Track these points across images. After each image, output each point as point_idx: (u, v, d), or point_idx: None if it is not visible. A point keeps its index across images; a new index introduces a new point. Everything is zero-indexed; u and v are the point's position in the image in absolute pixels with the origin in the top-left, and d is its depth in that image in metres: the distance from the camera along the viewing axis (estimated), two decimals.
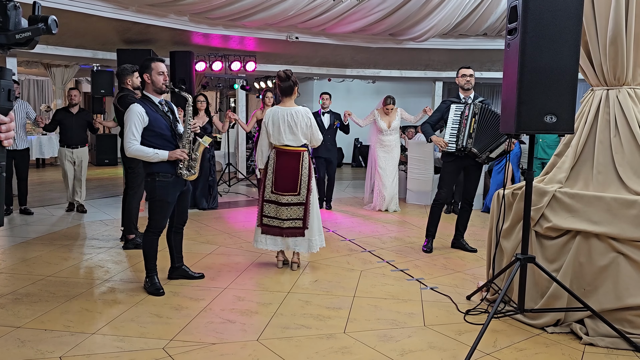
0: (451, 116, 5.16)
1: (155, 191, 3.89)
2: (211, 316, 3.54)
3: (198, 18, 7.62)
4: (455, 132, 5.11)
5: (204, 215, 7.07)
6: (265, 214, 4.52)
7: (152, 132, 3.83)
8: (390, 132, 7.51)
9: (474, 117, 5.03)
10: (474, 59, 10.71)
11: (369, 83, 14.48)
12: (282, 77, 4.47)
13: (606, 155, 3.39)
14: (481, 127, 5.05)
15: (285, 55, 10.33)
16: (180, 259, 4.31)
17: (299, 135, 4.44)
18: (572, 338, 3.23)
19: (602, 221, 3.14)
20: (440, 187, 5.28)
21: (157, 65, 3.92)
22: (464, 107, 5.12)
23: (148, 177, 3.91)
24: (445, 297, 3.94)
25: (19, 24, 1.37)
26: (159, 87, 3.94)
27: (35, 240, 5.55)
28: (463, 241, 5.40)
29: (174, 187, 3.95)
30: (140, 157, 3.82)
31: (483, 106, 5.09)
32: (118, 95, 5.15)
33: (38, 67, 12.60)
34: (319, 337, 3.23)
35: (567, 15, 2.96)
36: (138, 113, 3.78)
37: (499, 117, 4.98)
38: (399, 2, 7.83)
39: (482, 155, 5.08)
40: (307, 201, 4.46)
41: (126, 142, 3.78)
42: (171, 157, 3.85)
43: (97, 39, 8.51)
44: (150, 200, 3.96)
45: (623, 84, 3.42)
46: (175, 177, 3.93)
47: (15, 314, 3.50)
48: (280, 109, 4.48)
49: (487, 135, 5.05)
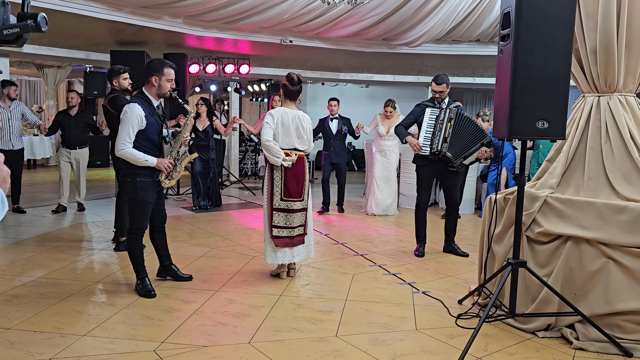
0: (426, 120, 5.17)
1: (137, 191, 3.86)
2: (203, 319, 3.53)
3: (192, 20, 7.61)
4: (430, 135, 5.12)
5: (197, 217, 7.06)
6: (275, 224, 4.30)
7: (144, 135, 3.82)
8: (388, 137, 7.52)
9: (449, 122, 5.05)
10: (467, 65, 10.78)
11: (363, 87, 14.54)
12: (294, 80, 4.33)
13: (597, 161, 3.42)
14: (456, 132, 5.06)
15: (279, 58, 10.34)
16: (168, 257, 4.29)
17: (305, 139, 4.38)
18: (562, 343, 3.24)
19: (592, 227, 3.17)
20: (419, 192, 5.35)
21: (170, 71, 3.90)
22: (439, 111, 5.14)
23: (128, 177, 3.87)
24: (436, 301, 3.95)
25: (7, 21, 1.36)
26: (163, 93, 3.92)
27: (27, 241, 5.51)
28: (455, 245, 5.42)
29: (153, 188, 3.95)
30: (129, 160, 3.80)
31: (458, 111, 5.12)
32: (109, 96, 5.10)
33: (30, 68, 12.52)
34: (310, 340, 3.23)
35: (559, 22, 2.99)
36: (138, 116, 3.75)
37: (474, 123, 5.12)
38: (392, 7, 7.87)
39: (456, 161, 5.10)
40: (308, 206, 4.45)
41: (119, 143, 3.74)
42: (159, 166, 3.87)
43: (91, 40, 8.47)
44: (130, 200, 3.93)
45: (614, 91, 3.45)
46: (154, 179, 3.93)
47: (5, 316, 3.47)
48: (290, 111, 4.33)
49: (462, 140, 5.08)
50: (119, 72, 5.09)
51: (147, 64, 3.97)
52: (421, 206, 5.35)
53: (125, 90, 5.13)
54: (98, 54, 9.48)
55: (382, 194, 7.58)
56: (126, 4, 6.70)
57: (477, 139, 5.09)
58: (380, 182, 7.60)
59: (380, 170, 7.60)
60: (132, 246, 3.96)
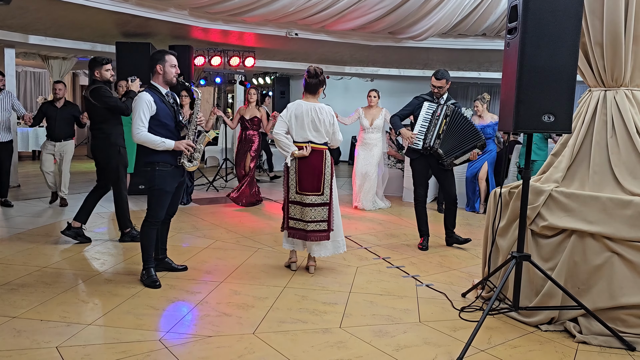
0: (422, 114, 5.15)
1: (155, 180, 3.90)
2: (207, 309, 3.55)
3: (198, 12, 7.60)
4: (424, 130, 5.12)
5: (201, 209, 7.08)
6: (291, 216, 4.35)
7: (157, 121, 3.86)
8: (372, 129, 7.38)
9: (445, 119, 5.05)
10: (473, 59, 10.74)
11: (367, 81, 14.50)
12: (311, 73, 4.30)
13: (602, 155, 3.41)
14: (450, 130, 5.07)
15: (284, 51, 10.32)
16: (164, 251, 4.31)
17: (323, 132, 4.30)
18: (565, 336, 3.25)
19: (597, 221, 3.17)
20: (416, 185, 5.35)
21: (171, 57, 3.98)
22: (437, 106, 5.13)
23: (147, 166, 3.91)
24: (440, 294, 3.97)
25: None
26: (170, 79, 3.98)
27: (31, 232, 5.54)
28: (456, 236, 5.42)
29: (173, 177, 3.97)
30: (147, 144, 3.83)
31: (455, 109, 5.11)
32: (90, 87, 5.01)
33: (35, 59, 12.53)
34: (314, 331, 3.25)
35: (566, 15, 2.98)
36: (147, 101, 3.81)
37: (471, 124, 5.14)
38: (398, 0, 7.84)
39: (447, 159, 5.11)
40: (331, 201, 4.32)
41: (134, 128, 3.79)
42: (177, 147, 3.89)
43: (96, 32, 8.48)
44: (149, 189, 3.96)
45: (621, 85, 3.44)
46: (174, 168, 3.95)
47: (11, 304, 3.51)
48: (305, 103, 4.30)
49: (455, 139, 5.08)
50: (101, 62, 5.00)
51: (150, 57, 4.03)
52: (419, 200, 5.35)
53: (107, 81, 5.05)
54: (104, 45, 9.48)
55: (367, 189, 7.40)
56: None
57: (471, 140, 5.10)
58: (358, 177, 7.44)
59: (361, 164, 7.42)
60: (145, 234, 3.99)
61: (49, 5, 6.41)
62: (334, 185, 4.39)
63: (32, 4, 6.37)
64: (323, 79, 4.35)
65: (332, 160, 4.38)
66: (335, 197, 4.40)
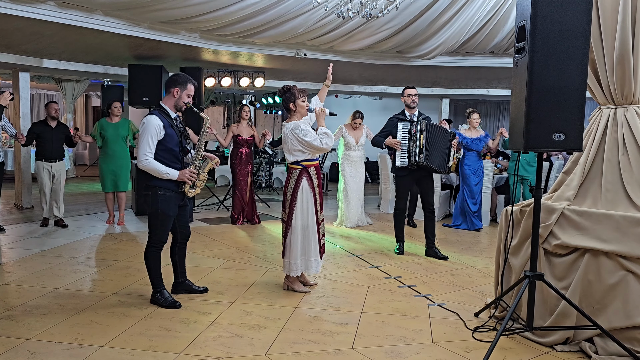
0: (399, 133, 5.58)
1: (158, 205, 3.89)
2: (219, 330, 3.55)
3: (208, 35, 7.71)
4: (406, 148, 5.53)
5: (212, 229, 7.10)
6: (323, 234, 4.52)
7: (163, 146, 3.86)
8: (357, 147, 7.51)
9: (422, 134, 5.44)
10: (481, 77, 10.76)
11: (376, 99, 14.56)
12: (279, 92, 4.40)
13: (614, 173, 3.40)
14: (429, 142, 5.48)
15: (293, 71, 10.42)
16: (183, 274, 4.32)
17: (286, 151, 4.35)
18: (581, 356, 3.21)
19: (611, 239, 3.14)
20: (398, 197, 5.74)
21: (191, 87, 4.01)
22: (410, 124, 5.52)
23: (149, 190, 3.90)
24: (453, 314, 3.94)
25: None
26: (180, 105, 3.99)
27: (44, 253, 5.58)
28: (435, 249, 5.69)
29: (174, 201, 3.97)
30: (151, 172, 3.83)
31: (428, 122, 5.56)
32: None
33: (49, 82, 12.76)
34: (326, 352, 3.23)
35: (574, 35, 3.00)
36: (157, 126, 3.80)
37: (442, 128, 5.63)
38: (406, 20, 7.90)
39: (444, 170, 5.67)
40: (289, 221, 4.30)
41: (140, 155, 3.78)
42: (181, 178, 3.90)
43: (110, 55, 8.62)
44: (151, 213, 3.96)
45: (631, 103, 3.44)
46: (176, 192, 3.96)
47: (25, 326, 3.53)
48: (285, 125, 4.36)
49: (437, 148, 5.54)
50: None
51: (172, 77, 4.02)
52: (399, 210, 5.75)
53: None
54: (116, 68, 9.64)
55: (356, 206, 7.47)
56: (144, 19, 6.81)
57: (447, 142, 5.62)
58: (353, 195, 7.46)
59: (355, 181, 7.50)
60: (151, 258, 3.98)
61: (63, 30, 6.54)
62: (299, 206, 4.26)
63: (47, 29, 6.49)
64: (289, 95, 4.30)
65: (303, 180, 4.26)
66: (298, 219, 4.27)
